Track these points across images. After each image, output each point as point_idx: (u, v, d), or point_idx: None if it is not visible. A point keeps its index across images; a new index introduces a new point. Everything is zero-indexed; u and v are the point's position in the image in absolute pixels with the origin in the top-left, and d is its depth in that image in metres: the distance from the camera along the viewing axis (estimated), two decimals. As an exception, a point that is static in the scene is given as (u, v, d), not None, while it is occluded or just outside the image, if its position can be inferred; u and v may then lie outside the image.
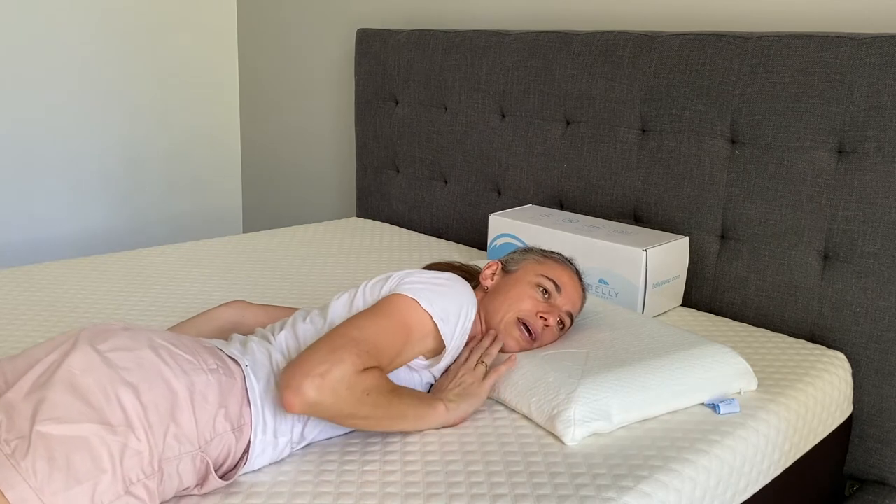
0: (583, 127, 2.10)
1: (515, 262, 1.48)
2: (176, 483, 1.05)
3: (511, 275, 1.45)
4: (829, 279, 1.69)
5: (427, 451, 1.21)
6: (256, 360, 1.21)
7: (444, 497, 1.10)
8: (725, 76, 1.80)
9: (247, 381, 1.16)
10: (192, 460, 1.06)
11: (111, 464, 0.97)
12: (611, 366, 1.33)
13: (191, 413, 1.06)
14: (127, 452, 0.99)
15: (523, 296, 1.40)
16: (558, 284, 1.42)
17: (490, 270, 1.48)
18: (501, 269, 1.48)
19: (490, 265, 1.49)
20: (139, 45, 3.19)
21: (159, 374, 1.07)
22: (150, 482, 1.00)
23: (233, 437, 1.11)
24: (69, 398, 0.99)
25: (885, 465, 1.66)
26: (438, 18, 2.63)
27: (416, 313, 1.24)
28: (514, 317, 1.39)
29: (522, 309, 1.40)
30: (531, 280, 1.42)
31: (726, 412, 1.35)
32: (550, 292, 1.41)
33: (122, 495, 0.97)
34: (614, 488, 1.12)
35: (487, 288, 1.46)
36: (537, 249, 1.52)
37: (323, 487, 1.12)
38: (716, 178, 1.84)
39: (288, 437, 1.18)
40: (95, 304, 1.83)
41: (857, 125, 1.62)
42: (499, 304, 1.41)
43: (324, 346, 1.12)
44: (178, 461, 1.04)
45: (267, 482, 1.13)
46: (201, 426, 1.07)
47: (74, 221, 3.14)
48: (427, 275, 1.31)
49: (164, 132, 3.34)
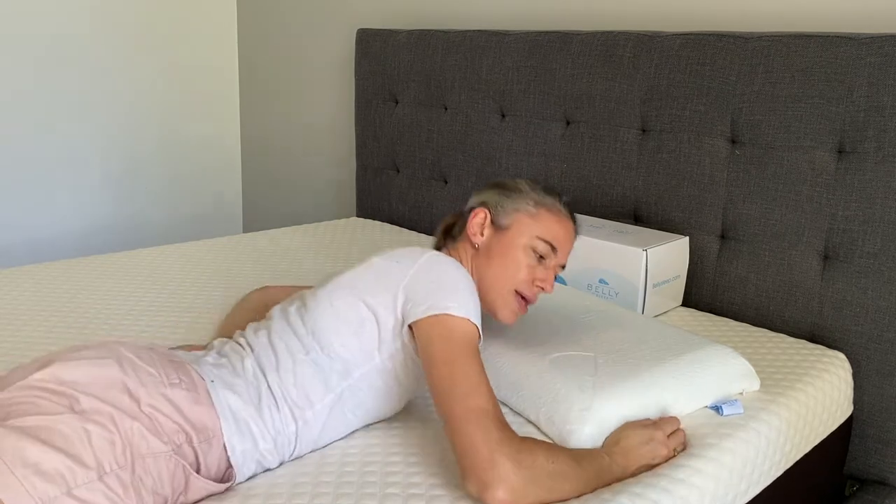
0: (583, 127, 2.10)
1: (506, 213, 1.35)
2: (151, 483, 1.03)
3: (503, 234, 1.35)
4: (829, 279, 1.69)
5: (429, 452, 1.21)
6: (232, 371, 1.19)
7: (448, 499, 1.09)
8: (725, 76, 1.80)
9: (212, 396, 1.13)
10: (166, 462, 1.04)
11: (83, 446, 0.98)
12: (620, 377, 1.31)
13: (151, 418, 1.06)
14: (96, 436, 0.99)
15: (519, 265, 1.32)
16: (554, 245, 1.34)
17: (478, 222, 1.36)
18: (491, 221, 1.36)
19: (477, 214, 1.36)
20: (139, 44, 3.19)
21: (122, 383, 1.07)
22: (123, 473, 1.00)
23: (205, 446, 1.09)
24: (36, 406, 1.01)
25: (885, 465, 1.66)
26: (438, 18, 2.63)
27: (470, 330, 1.17)
28: (512, 289, 1.32)
29: (519, 280, 1.32)
30: (526, 243, 1.33)
31: (729, 413, 1.35)
32: (546, 255, 1.34)
33: (94, 480, 0.97)
34: (618, 491, 1.12)
35: (478, 246, 1.36)
36: (526, 188, 1.38)
37: (322, 488, 1.11)
38: (716, 178, 1.84)
39: (271, 444, 1.15)
40: (96, 304, 1.83)
41: (857, 125, 1.62)
42: (494, 275, 1.33)
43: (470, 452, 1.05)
44: (152, 459, 1.03)
45: (265, 483, 1.13)
46: (166, 431, 1.06)
47: (74, 221, 3.14)
48: (442, 274, 1.23)
49: (165, 132, 3.34)
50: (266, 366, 1.20)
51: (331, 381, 1.19)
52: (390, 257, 1.28)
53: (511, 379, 1.36)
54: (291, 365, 1.19)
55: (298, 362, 1.19)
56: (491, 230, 1.36)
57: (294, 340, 1.22)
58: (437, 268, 1.24)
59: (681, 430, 1.27)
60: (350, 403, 1.21)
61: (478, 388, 1.10)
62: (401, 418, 1.32)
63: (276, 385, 1.17)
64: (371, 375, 1.22)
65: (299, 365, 1.19)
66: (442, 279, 1.22)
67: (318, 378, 1.19)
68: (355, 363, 1.21)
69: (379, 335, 1.21)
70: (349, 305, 1.23)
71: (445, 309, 1.17)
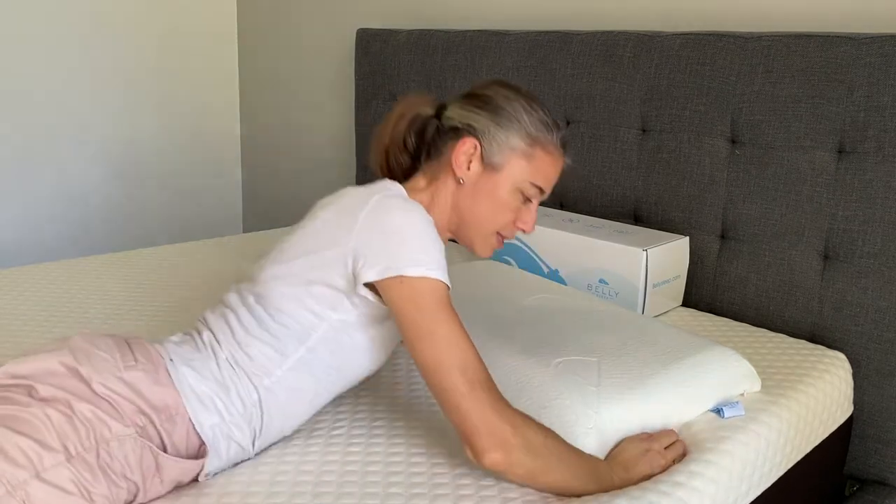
0: (583, 127, 2.10)
1: (499, 150, 1.24)
2: (120, 468, 1.03)
3: (493, 173, 1.24)
4: (829, 279, 1.69)
5: (434, 453, 1.21)
6: (193, 347, 1.18)
7: (452, 498, 1.09)
8: (725, 76, 1.80)
9: (171, 374, 1.12)
10: (132, 446, 1.04)
11: (47, 430, 0.99)
12: (624, 387, 1.30)
13: (109, 402, 1.05)
14: (58, 420, 1.00)
15: (505, 209, 1.25)
16: (544, 189, 1.27)
17: (465, 154, 1.24)
18: (481, 154, 1.24)
19: (465, 143, 1.24)
20: (139, 44, 3.19)
21: (75, 370, 1.07)
22: (88, 457, 1.00)
23: (168, 425, 1.08)
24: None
25: (885, 465, 1.66)
26: (438, 18, 2.63)
27: (437, 289, 1.12)
28: (494, 231, 1.27)
29: (501, 223, 1.27)
30: (516, 186, 1.25)
31: (731, 415, 1.34)
32: (534, 198, 1.27)
33: (62, 462, 0.98)
34: (608, 493, 1.12)
35: (462, 179, 1.25)
36: (523, 117, 1.25)
37: (323, 488, 1.11)
38: (716, 178, 1.84)
39: (238, 417, 1.13)
40: (95, 304, 1.83)
41: (857, 125, 1.62)
42: (478, 216, 1.26)
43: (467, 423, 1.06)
44: (117, 443, 1.03)
45: (266, 481, 1.13)
46: (126, 414, 1.05)
47: (74, 222, 3.14)
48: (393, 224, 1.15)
49: (164, 132, 3.33)
50: (221, 340, 1.18)
51: (287, 348, 1.17)
52: (336, 209, 1.21)
53: (515, 380, 1.35)
54: (244, 336, 1.17)
55: (251, 333, 1.17)
56: (479, 165, 1.25)
57: (245, 313, 1.19)
58: (386, 217, 1.15)
59: (679, 441, 1.26)
60: (314, 366, 1.18)
61: (464, 356, 1.09)
62: (402, 417, 1.32)
63: (232, 357, 1.16)
64: (329, 337, 1.18)
65: (252, 335, 1.17)
66: (392, 230, 1.14)
67: (273, 346, 1.16)
68: (310, 327, 1.17)
69: (330, 297, 1.16)
70: (296, 271, 1.18)
71: (403, 270, 1.11)
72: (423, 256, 1.12)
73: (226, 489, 1.11)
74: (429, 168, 1.30)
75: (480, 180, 1.25)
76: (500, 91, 1.27)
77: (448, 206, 1.28)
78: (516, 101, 1.26)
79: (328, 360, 1.19)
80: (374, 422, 1.30)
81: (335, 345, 1.18)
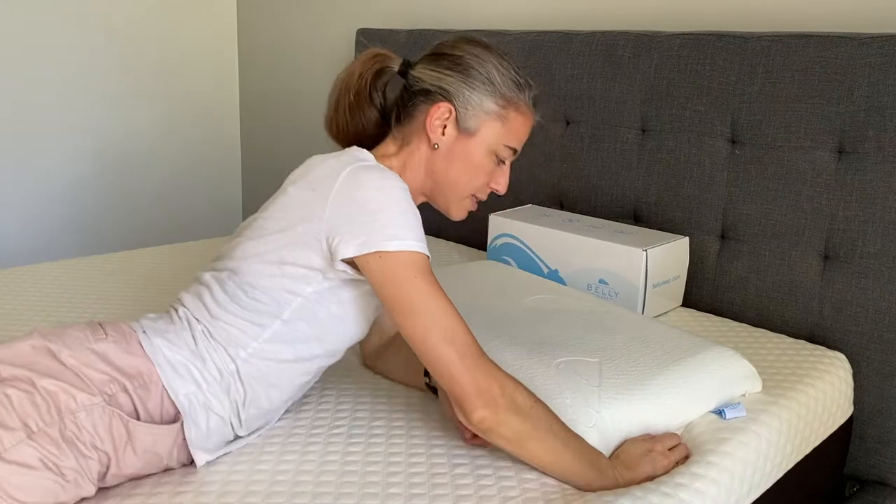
0: (583, 127, 2.10)
1: (473, 114, 1.23)
2: (89, 438, 1.03)
3: (467, 138, 1.24)
4: (830, 279, 1.69)
5: (433, 453, 1.21)
6: (168, 321, 1.19)
7: (451, 498, 1.09)
8: (725, 76, 1.80)
9: (144, 345, 1.12)
10: (100, 415, 1.04)
11: (5, 411, 1.00)
12: (625, 386, 1.30)
13: (77, 374, 1.06)
14: (17, 399, 1.01)
15: (480, 171, 1.26)
16: (518, 149, 1.28)
17: (440, 119, 1.23)
18: (455, 119, 1.23)
19: (439, 108, 1.22)
20: (139, 44, 3.19)
21: (45, 347, 1.08)
22: (51, 430, 1.00)
23: (143, 391, 1.09)
24: None
25: (885, 466, 1.66)
26: (438, 18, 2.63)
27: (417, 261, 1.12)
28: (470, 194, 1.28)
29: (476, 186, 1.27)
30: (491, 149, 1.25)
31: (732, 416, 1.34)
32: (507, 159, 1.28)
33: (23, 440, 0.99)
34: (612, 493, 1.12)
35: (436, 144, 1.24)
36: (495, 77, 1.24)
37: (323, 488, 1.11)
38: (716, 178, 1.84)
39: (216, 386, 1.13)
40: (95, 304, 1.83)
41: (857, 125, 1.62)
42: (453, 180, 1.26)
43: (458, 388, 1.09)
44: (84, 413, 1.03)
45: (266, 479, 1.13)
46: (95, 384, 1.06)
47: (73, 221, 3.14)
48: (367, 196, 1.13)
49: (164, 131, 3.33)
50: (197, 315, 1.18)
51: (262, 320, 1.16)
52: (305, 183, 1.19)
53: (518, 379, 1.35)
54: (218, 310, 1.17)
55: (226, 308, 1.17)
56: (454, 130, 1.24)
57: (219, 289, 1.19)
58: (359, 192, 1.14)
59: (682, 444, 1.26)
60: (291, 338, 1.18)
61: (449, 325, 1.10)
62: (402, 416, 1.32)
63: (207, 330, 1.16)
64: (306, 308, 1.17)
65: (227, 310, 1.17)
66: (366, 204, 1.13)
67: (247, 320, 1.16)
68: (284, 302, 1.16)
69: (305, 274, 1.16)
70: (270, 248, 1.17)
71: (381, 245, 1.10)
72: (399, 230, 1.12)
73: (225, 488, 1.11)
74: (399, 132, 1.29)
75: (455, 145, 1.25)
76: (469, 50, 1.25)
77: (422, 171, 1.27)
78: (487, 62, 1.24)
79: (306, 331, 1.19)
80: (373, 421, 1.30)
81: (311, 316, 1.18)
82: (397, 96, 1.29)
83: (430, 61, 1.26)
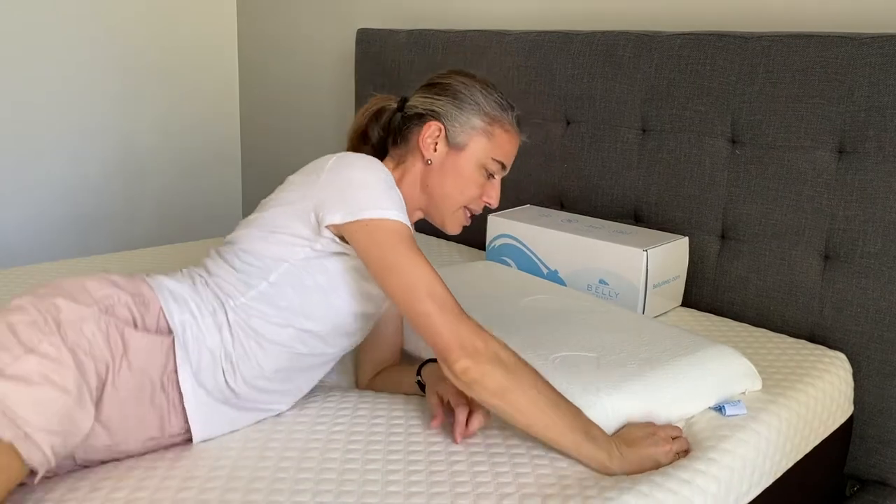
0: (583, 127, 2.10)
1: (461, 130, 1.34)
2: (87, 346, 1.09)
3: (457, 152, 1.34)
4: (830, 279, 1.69)
5: (432, 451, 1.21)
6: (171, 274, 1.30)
7: (449, 496, 1.09)
8: (725, 76, 1.80)
9: (148, 281, 1.24)
10: (97, 323, 1.11)
11: (8, 339, 1.05)
12: (623, 379, 1.31)
13: (81, 288, 1.15)
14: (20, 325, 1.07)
15: (471, 184, 1.35)
16: (506, 165, 1.38)
17: (432, 136, 1.34)
18: (445, 135, 1.34)
19: (430, 127, 1.34)
20: (139, 44, 3.19)
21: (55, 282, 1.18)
22: (52, 338, 1.06)
23: (142, 308, 1.18)
24: None
25: (885, 466, 1.66)
26: (438, 18, 2.63)
27: (398, 229, 1.20)
28: (462, 206, 1.37)
29: (469, 198, 1.36)
30: (480, 163, 1.35)
31: (732, 413, 1.34)
32: (496, 173, 1.38)
33: (22, 355, 1.03)
34: (615, 489, 1.12)
35: (429, 160, 1.35)
36: (480, 99, 1.35)
37: (324, 486, 1.11)
38: (716, 178, 1.84)
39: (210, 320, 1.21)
40: (95, 303, 1.83)
41: (857, 125, 1.62)
42: (446, 193, 1.35)
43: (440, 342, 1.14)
44: (81, 322, 1.10)
45: (267, 477, 1.13)
46: (95, 298, 1.14)
47: (73, 222, 3.14)
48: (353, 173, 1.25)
49: (164, 131, 3.33)
50: (198, 272, 1.31)
51: (251, 280, 1.25)
52: (302, 171, 1.32)
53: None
54: (216, 269, 1.29)
55: (221, 268, 1.28)
56: (445, 146, 1.35)
57: (217, 257, 1.32)
58: (347, 169, 1.26)
59: (683, 437, 1.27)
60: (278, 300, 1.24)
61: (430, 283, 1.17)
62: (402, 415, 1.32)
63: (205, 281, 1.27)
64: (293, 273, 1.25)
65: (222, 269, 1.28)
66: (353, 179, 1.24)
67: (238, 279, 1.26)
68: (273, 265, 1.25)
69: (293, 241, 1.25)
70: (266, 220, 1.28)
71: (365, 213, 1.20)
72: (382, 201, 1.21)
73: (227, 485, 1.11)
74: (396, 153, 1.40)
75: (446, 159, 1.35)
76: (457, 78, 1.39)
77: (417, 187, 1.37)
78: (473, 87, 1.37)
79: (292, 297, 1.25)
80: (373, 419, 1.30)
81: (297, 283, 1.25)
82: (394, 126, 1.41)
83: (423, 91, 1.40)
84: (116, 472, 1.13)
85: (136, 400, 1.14)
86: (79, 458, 1.14)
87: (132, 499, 1.07)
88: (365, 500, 1.08)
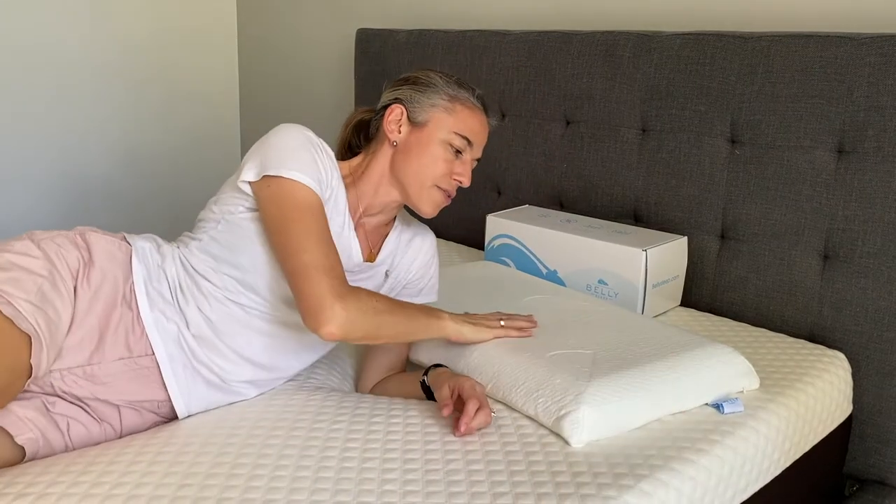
0: (583, 127, 2.10)
1: (422, 108, 1.40)
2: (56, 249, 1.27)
3: (420, 130, 1.40)
4: (829, 279, 1.69)
5: (428, 450, 1.21)
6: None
7: (444, 495, 1.09)
8: (725, 76, 1.80)
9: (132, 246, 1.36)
10: (66, 234, 1.32)
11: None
12: (618, 368, 1.32)
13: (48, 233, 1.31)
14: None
15: (437, 159, 1.38)
16: (471, 140, 1.40)
17: (395, 119, 1.41)
18: (407, 117, 1.40)
19: (393, 110, 1.41)
20: (139, 44, 3.19)
21: None
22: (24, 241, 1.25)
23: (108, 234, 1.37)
24: None
25: (884, 465, 1.66)
26: (438, 18, 2.64)
27: (304, 194, 1.26)
28: (432, 184, 1.39)
29: (437, 174, 1.39)
30: (443, 139, 1.38)
31: (730, 411, 1.35)
32: (463, 150, 1.40)
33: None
34: (615, 486, 1.12)
35: (395, 143, 1.41)
36: (440, 82, 1.42)
37: (321, 484, 1.11)
38: (716, 178, 1.84)
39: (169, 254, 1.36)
40: (94, 302, 1.83)
41: (857, 125, 1.62)
42: (413, 171, 1.39)
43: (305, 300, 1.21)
44: (50, 236, 1.29)
45: (267, 475, 1.13)
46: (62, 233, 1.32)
47: (73, 221, 3.14)
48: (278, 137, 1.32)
49: (165, 132, 3.34)
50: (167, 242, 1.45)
51: (200, 235, 1.38)
52: None
53: (512, 376, 1.36)
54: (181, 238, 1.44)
55: (184, 236, 1.43)
56: (408, 126, 1.41)
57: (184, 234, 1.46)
58: (272, 134, 1.32)
59: (523, 329, 1.45)
60: (216, 250, 1.34)
61: (309, 244, 1.23)
62: (400, 414, 1.32)
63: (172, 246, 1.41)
64: (231, 224, 1.34)
65: (184, 236, 1.43)
66: (270, 141, 1.31)
67: (190, 235, 1.41)
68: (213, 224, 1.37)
69: (228, 202, 1.34)
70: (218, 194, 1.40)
71: (269, 171, 1.27)
72: (290, 162, 1.27)
73: (228, 482, 1.11)
74: (367, 147, 1.46)
75: (411, 138, 1.40)
76: (420, 71, 1.46)
77: (387, 173, 1.41)
78: (433, 74, 1.44)
79: (224, 245, 1.34)
80: (372, 418, 1.30)
81: (236, 226, 1.34)
82: (372, 128, 1.47)
83: (388, 87, 1.47)
84: (106, 457, 1.14)
85: (105, 302, 1.27)
86: (58, 386, 1.23)
87: (120, 482, 1.07)
88: (361, 500, 1.08)
